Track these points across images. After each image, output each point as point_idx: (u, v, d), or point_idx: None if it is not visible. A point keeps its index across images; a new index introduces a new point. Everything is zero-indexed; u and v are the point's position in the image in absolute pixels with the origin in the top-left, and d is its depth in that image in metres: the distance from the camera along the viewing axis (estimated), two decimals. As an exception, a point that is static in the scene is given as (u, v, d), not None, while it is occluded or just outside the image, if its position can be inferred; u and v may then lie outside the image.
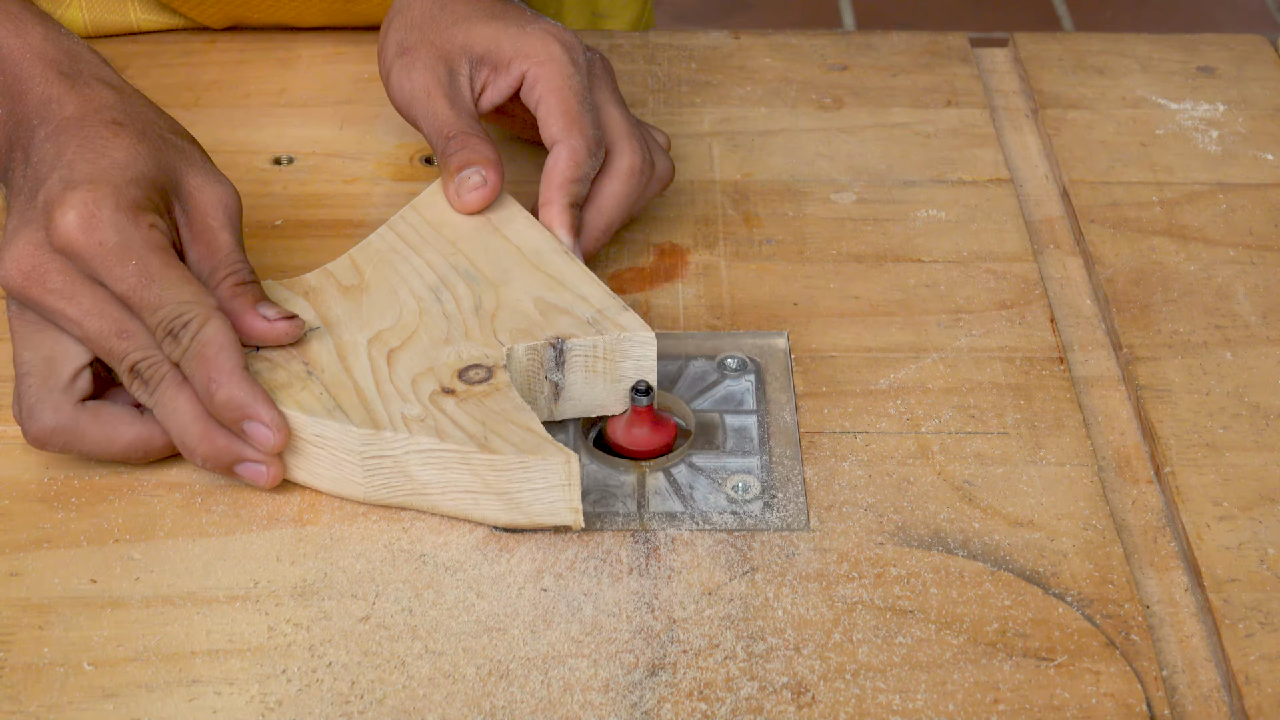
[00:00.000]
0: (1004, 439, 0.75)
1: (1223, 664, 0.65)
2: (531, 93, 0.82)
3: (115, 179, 0.71)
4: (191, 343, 0.69)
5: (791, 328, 0.81)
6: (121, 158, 0.72)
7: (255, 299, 0.73)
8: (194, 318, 0.69)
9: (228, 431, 0.70)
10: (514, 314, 0.74)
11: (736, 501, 0.72)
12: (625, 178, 0.82)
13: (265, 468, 0.70)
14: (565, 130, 0.80)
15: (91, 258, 0.70)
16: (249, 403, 0.69)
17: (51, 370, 0.71)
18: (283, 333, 0.72)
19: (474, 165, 0.79)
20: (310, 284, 0.77)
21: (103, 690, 0.64)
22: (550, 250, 0.78)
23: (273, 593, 0.68)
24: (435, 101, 0.82)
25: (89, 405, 0.71)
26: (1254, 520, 0.71)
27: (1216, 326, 0.81)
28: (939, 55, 1.03)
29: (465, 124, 0.81)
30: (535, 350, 0.73)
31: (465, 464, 0.69)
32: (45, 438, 0.71)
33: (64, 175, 0.71)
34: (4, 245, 0.71)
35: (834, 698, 0.63)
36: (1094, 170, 0.93)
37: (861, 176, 0.92)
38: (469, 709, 0.63)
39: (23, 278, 0.70)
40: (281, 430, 0.69)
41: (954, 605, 0.67)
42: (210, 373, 0.69)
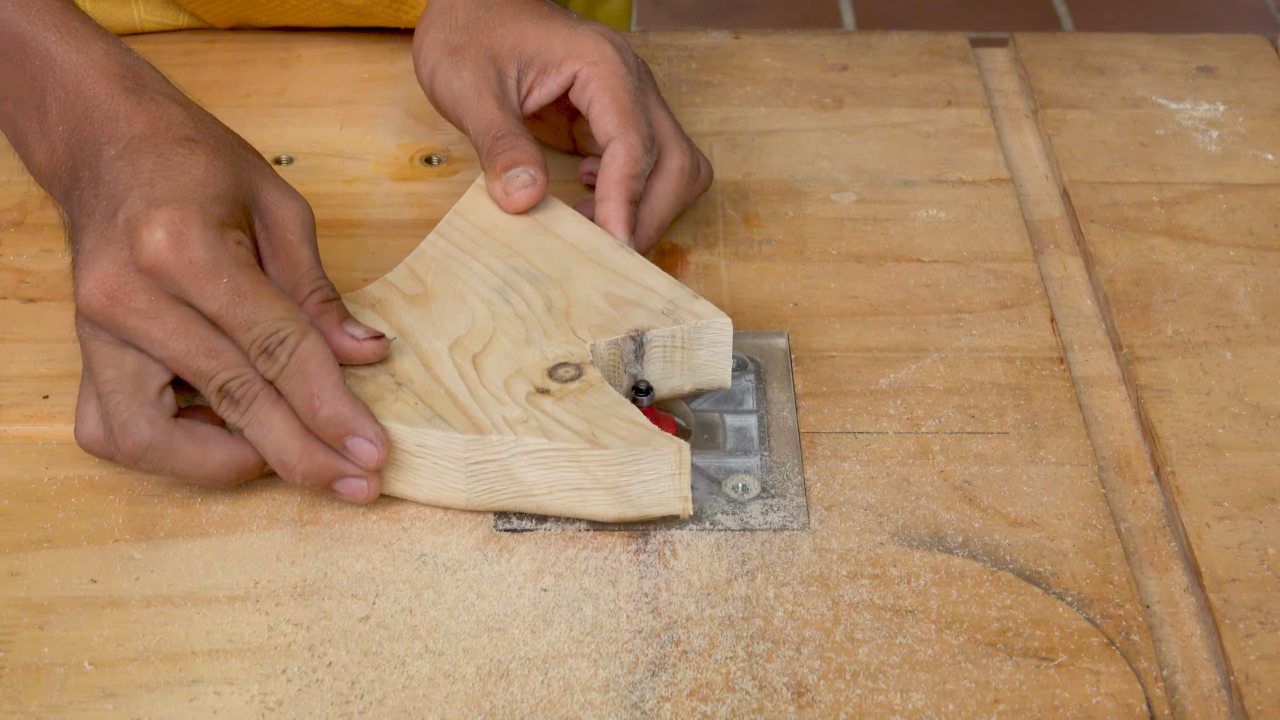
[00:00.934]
0: (1004, 439, 0.75)
1: (1223, 664, 0.65)
2: (584, 92, 0.82)
3: (198, 196, 0.70)
4: (290, 359, 0.68)
5: (791, 328, 0.81)
6: (201, 175, 0.71)
7: (341, 316, 0.72)
8: (290, 334, 0.68)
9: (327, 448, 0.69)
10: (587, 310, 0.75)
11: (736, 501, 0.72)
12: (676, 177, 0.83)
13: (365, 482, 0.69)
14: (621, 127, 0.80)
15: (181, 277, 0.68)
16: (353, 418, 0.68)
17: (139, 386, 0.69)
18: (371, 352, 0.72)
19: (521, 164, 0.79)
20: (374, 296, 0.76)
21: (103, 690, 0.64)
22: (605, 246, 0.78)
23: (273, 593, 0.68)
24: (484, 101, 0.81)
25: (182, 422, 0.70)
26: (1254, 520, 0.71)
27: (1216, 326, 0.81)
28: (939, 55, 1.03)
29: (512, 124, 0.81)
30: (616, 344, 0.74)
31: (574, 461, 0.69)
32: (140, 453, 0.69)
33: (145, 194, 0.70)
34: (84, 266, 0.70)
35: (834, 698, 0.63)
36: (1094, 170, 0.93)
37: (861, 176, 0.92)
38: (469, 709, 0.63)
39: (107, 298, 0.69)
40: (384, 445, 0.68)
41: (954, 605, 0.67)
42: (312, 389, 0.68)
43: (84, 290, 0.69)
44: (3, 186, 0.91)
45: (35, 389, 0.77)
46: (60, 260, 0.85)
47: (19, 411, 0.76)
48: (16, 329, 0.81)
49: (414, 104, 0.98)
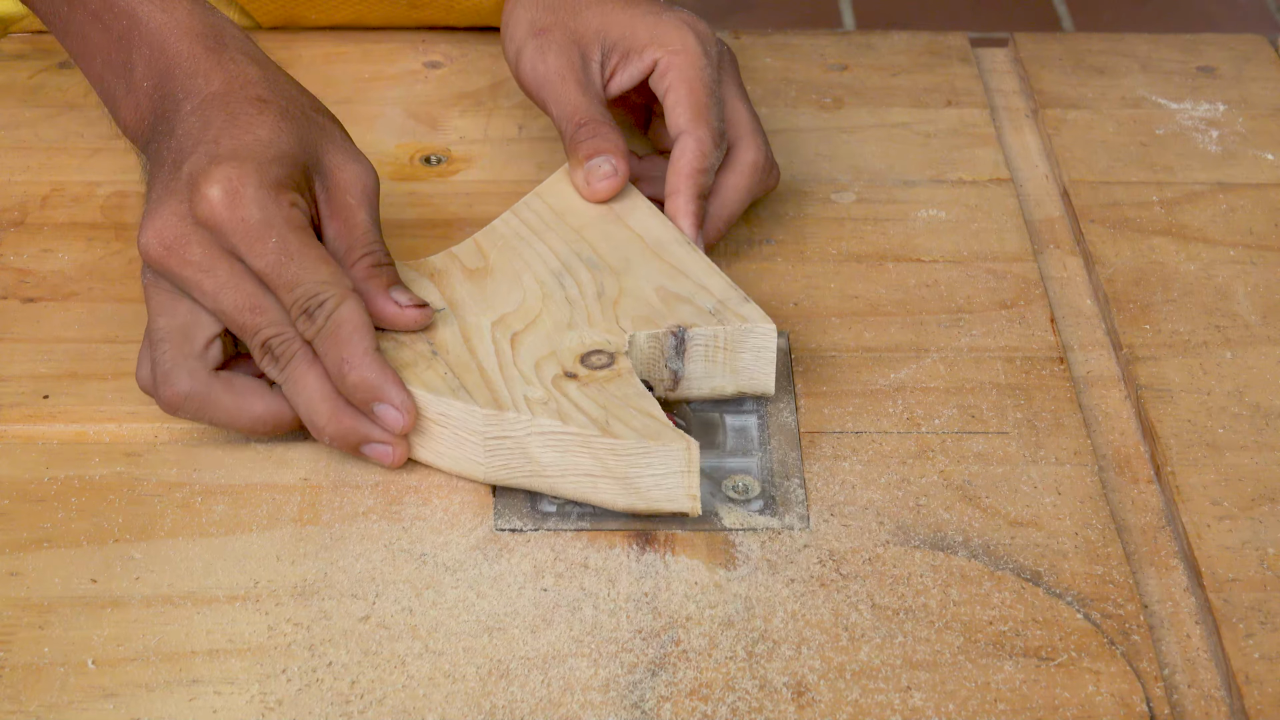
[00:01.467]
0: (1004, 439, 0.75)
1: (1223, 664, 0.65)
2: (662, 81, 0.83)
3: (259, 156, 0.72)
4: (326, 322, 0.70)
5: (791, 328, 0.81)
6: (265, 135, 0.73)
7: (389, 282, 0.73)
8: (330, 297, 0.70)
9: (356, 412, 0.71)
10: (636, 301, 0.76)
11: (736, 501, 0.72)
12: (749, 172, 0.84)
13: (391, 448, 0.71)
14: (692, 121, 0.81)
15: (233, 233, 0.70)
16: (380, 385, 0.70)
17: (186, 338, 0.72)
18: (412, 320, 0.73)
19: (604, 154, 0.80)
20: (436, 266, 0.78)
21: (103, 690, 0.64)
22: (672, 240, 0.79)
23: (273, 593, 0.68)
24: (568, 86, 0.82)
25: (222, 375, 0.72)
26: (1254, 520, 0.71)
27: (1216, 326, 0.81)
28: (939, 55, 1.03)
29: (596, 111, 0.82)
30: (657, 338, 0.74)
31: (586, 447, 0.69)
32: (179, 403, 0.71)
33: (209, 150, 0.72)
34: (146, 215, 0.72)
35: (834, 698, 0.63)
36: (1094, 170, 0.93)
37: (861, 176, 0.92)
38: (469, 709, 0.63)
39: (163, 248, 0.71)
40: (410, 413, 0.70)
41: (954, 605, 0.67)
42: (343, 353, 0.70)
43: (144, 239, 0.71)
44: (3, 186, 0.91)
45: (35, 389, 0.77)
46: (60, 260, 0.85)
47: (19, 411, 0.76)
48: (16, 329, 0.81)
49: (414, 104, 0.98)
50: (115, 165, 0.93)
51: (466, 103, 0.98)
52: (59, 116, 0.97)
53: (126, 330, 0.81)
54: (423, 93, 0.99)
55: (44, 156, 0.93)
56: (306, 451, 0.74)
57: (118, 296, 0.83)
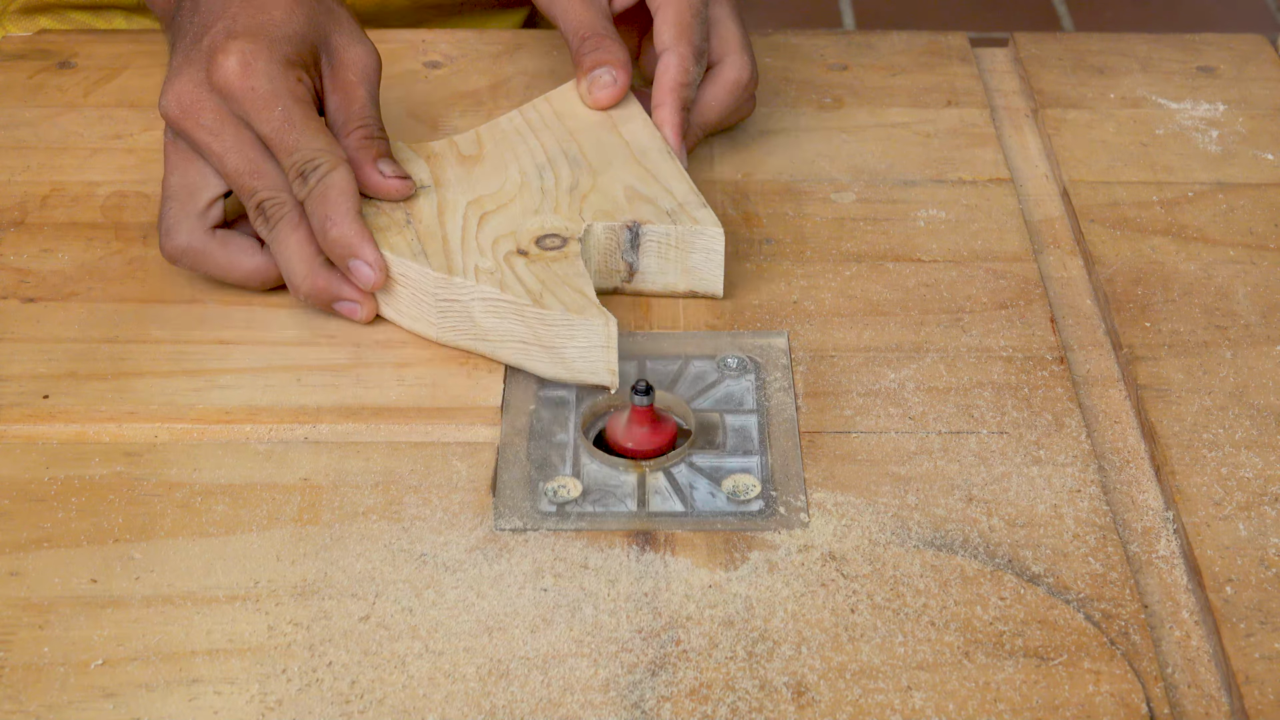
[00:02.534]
0: (1004, 439, 0.75)
1: (1223, 664, 0.65)
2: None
3: (272, 34, 0.79)
4: (317, 184, 0.77)
5: (791, 328, 0.81)
6: (279, 16, 0.80)
7: (378, 154, 0.80)
8: (323, 163, 0.77)
9: (331, 272, 0.78)
10: (604, 198, 0.83)
11: (736, 501, 0.72)
12: (730, 88, 0.90)
13: (360, 305, 0.79)
14: (675, 39, 0.87)
15: (243, 100, 0.78)
16: (357, 242, 0.77)
17: (191, 196, 0.79)
18: (394, 189, 0.80)
19: (606, 65, 0.87)
20: (433, 150, 0.86)
21: (103, 690, 0.64)
22: (655, 150, 0.86)
23: (273, 593, 0.68)
24: (575, 2, 0.89)
25: (219, 233, 0.80)
26: (1254, 520, 0.71)
27: (1216, 326, 0.81)
28: (939, 55, 1.03)
29: (600, 25, 0.89)
30: (614, 230, 0.81)
31: (519, 315, 0.76)
32: (177, 255, 0.80)
33: (227, 25, 0.79)
34: (168, 80, 0.79)
35: (834, 698, 0.63)
36: (1094, 170, 0.93)
37: (861, 176, 0.92)
38: (469, 709, 0.63)
39: (180, 110, 0.79)
40: (381, 270, 0.77)
41: (954, 605, 0.67)
42: (328, 211, 0.77)
43: (164, 101, 0.79)
44: (3, 186, 0.91)
45: (35, 389, 0.77)
46: (60, 260, 0.85)
47: (19, 411, 0.76)
48: (16, 329, 0.81)
49: (414, 104, 0.98)
50: (115, 165, 0.93)
51: (466, 103, 0.98)
52: (59, 116, 0.97)
53: (126, 330, 0.81)
54: (423, 93, 0.99)
55: (44, 156, 0.93)
56: (306, 451, 0.74)
57: (118, 296, 0.83)
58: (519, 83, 1.00)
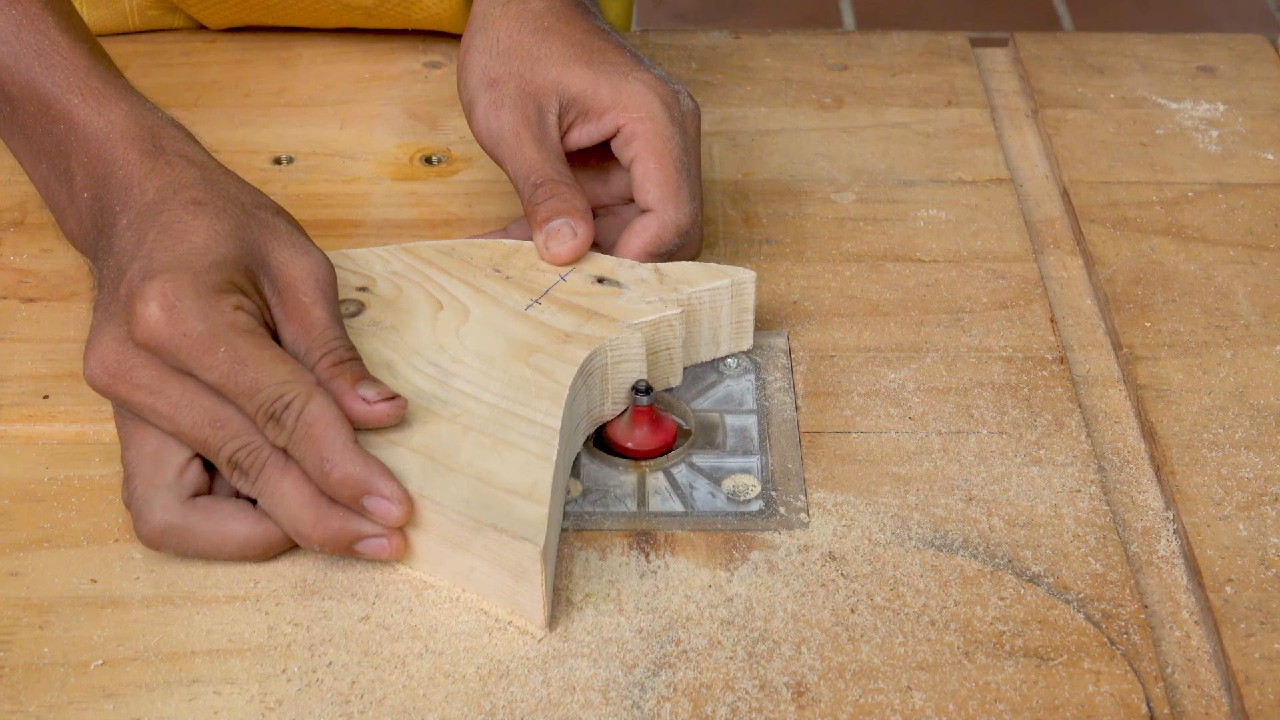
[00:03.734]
0: (1004, 439, 0.75)
1: (1223, 664, 0.65)
2: (627, 149, 0.79)
3: (194, 264, 0.68)
4: (296, 423, 0.66)
5: (791, 328, 0.81)
6: (200, 241, 0.69)
7: (354, 378, 0.69)
8: (295, 397, 0.66)
9: (342, 510, 0.67)
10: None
11: (736, 501, 0.72)
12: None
13: (386, 541, 0.67)
14: (662, 201, 0.78)
15: (178, 349, 0.67)
16: (366, 477, 0.65)
17: (157, 468, 0.68)
18: (382, 414, 0.68)
19: (564, 215, 0.77)
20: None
21: (103, 690, 0.64)
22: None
23: (273, 593, 0.68)
24: (524, 144, 0.79)
25: (200, 502, 0.68)
26: (1254, 520, 0.71)
27: (1216, 326, 0.81)
28: (939, 55, 1.03)
29: (554, 170, 0.78)
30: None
31: None
32: (157, 538, 0.68)
33: (143, 265, 0.69)
34: (89, 343, 0.69)
35: (834, 698, 0.63)
36: (1094, 170, 0.93)
37: (861, 176, 0.92)
38: (469, 709, 0.63)
39: (109, 376, 0.68)
40: (403, 501, 0.66)
41: (954, 605, 0.67)
42: (321, 452, 0.66)
43: (88, 369, 0.68)
44: (3, 186, 0.91)
45: (35, 389, 0.77)
46: (60, 260, 0.85)
47: (19, 411, 0.76)
48: (16, 329, 0.81)
49: (414, 104, 0.98)
50: (115, 165, 0.93)
51: (466, 103, 0.98)
52: (59, 116, 0.97)
53: (126, 330, 0.81)
54: (423, 93, 0.99)
55: (44, 156, 0.93)
56: (306, 451, 0.74)
57: (118, 296, 0.83)
58: (519, 83, 1.00)
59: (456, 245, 0.79)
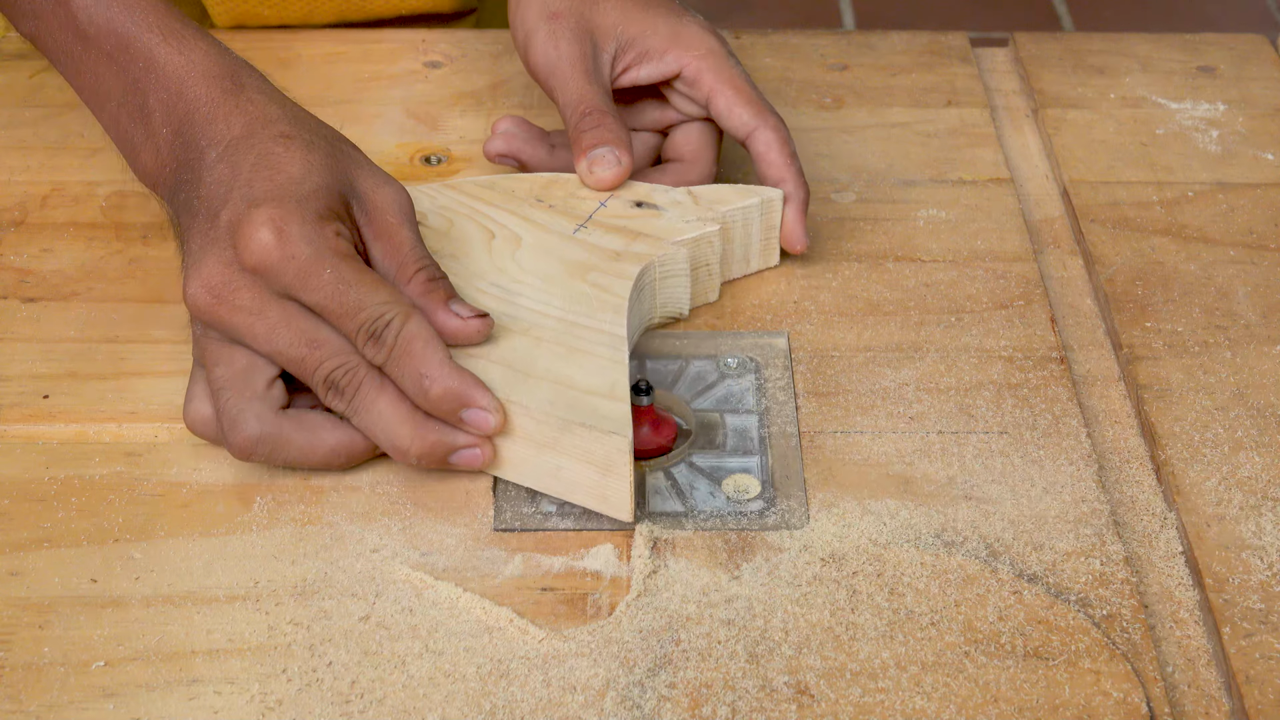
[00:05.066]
0: (1004, 439, 0.75)
1: (1223, 664, 0.65)
2: (697, 86, 0.85)
3: (295, 193, 0.71)
4: (396, 341, 0.70)
5: (791, 328, 0.81)
6: (296, 172, 0.72)
7: (447, 294, 0.73)
8: (395, 316, 0.70)
9: (438, 424, 0.70)
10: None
11: (736, 501, 0.72)
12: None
13: (480, 450, 0.71)
14: (758, 116, 0.84)
15: (286, 272, 0.70)
16: (465, 390, 0.70)
17: (247, 381, 0.71)
18: (474, 330, 0.73)
19: (607, 144, 0.82)
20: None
21: (103, 690, 0.64)
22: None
23: (273, 593, 0.68)
24: (576, 75, 0.84)
25: (290, 412, 0.72)
26: (1254, 520, 0.71)
27: (1217, 326, 0.81)
28: (939, 55, 1.03)
29: (601, 101, 0.84)
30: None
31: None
32: (250, 447, 0.71)
33: (244, 194, 0.71)
34: (190, 268, 0.71)
35: (834, 698, 0.63)
36: (1094, 170, 0.93)
37: (861, 176, 0.92)
38: (469, 709, 0.63)
39: (212, 298, 0.70)
40: (499, 411, 0.70)
41: (954, 605, 0.67)
42: (420, 368, 0.70)
43: (190, 290, 0.71)
44: (3, 186, 0.91)
45: (35, 389, 0.77)
46: (60, 260, 0.85)
47: (19, 411, 0.76)
48: (16, 329, 0.81)
49: (414, 104, 0.98)
50: (115, 165, 0.93)
51: (466, 103, 0.98)
52: (59, 116, 0.97)
53: (126, 330, 0.81)
54: (423, 93, 0.99)
55: (44, 156, 0.93)
56: (306, 451, 0.74)
57: (118, 296, 0.83)
58: (519, 83, 1.00)
59: (495, 180, 0.84)
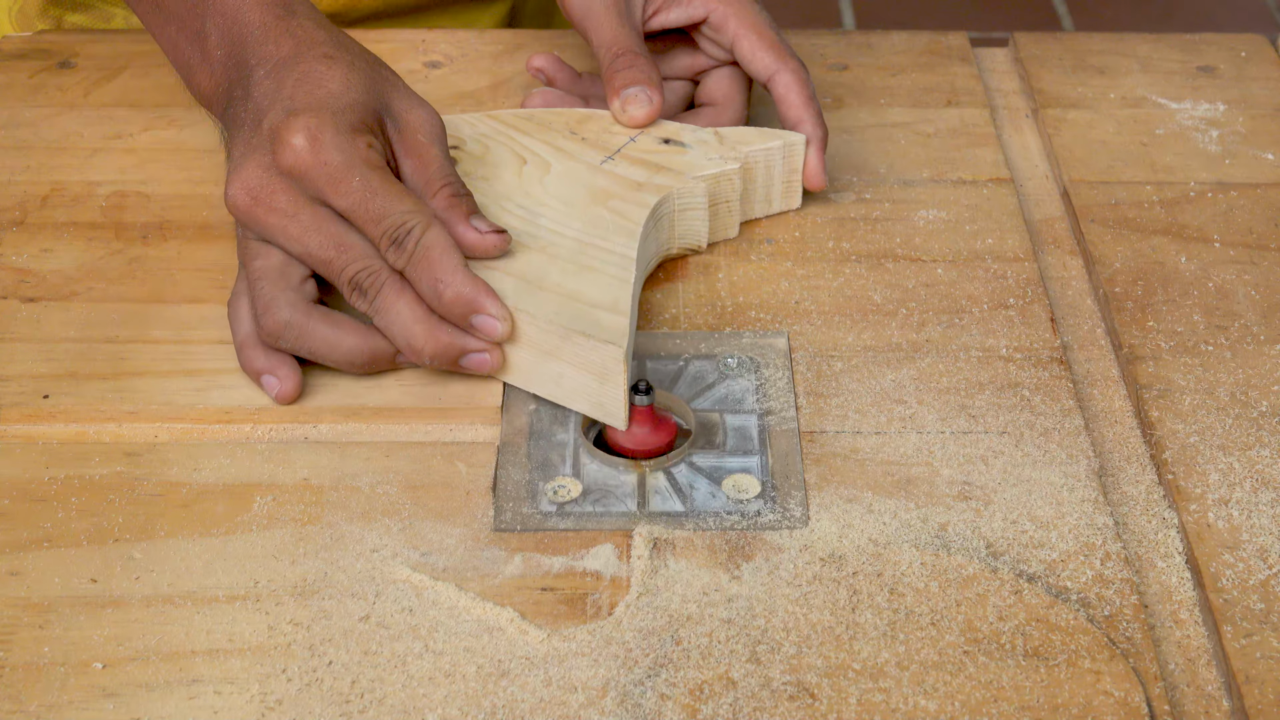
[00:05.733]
0: (1004, 439, 0.75)
1: (1223, 664, 0.65)
2: (723, 30, 0.89)
3: (333, 105, 0.76)
4: (416, 247, 0.74)
5: (791, 328, 0.81)
6: (336, 87, 0.77)
7: (469, 210, 0.77)
8: (416, 224, 0.74)
9: (451, 327, 0.75)
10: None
11: (736, 501, 0.72)
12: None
13: (489, 355, 0.75)
14: (779, 60, 0.88)
15: (318, 176, 0.75)
16: (475, 297, 0.73)
17: (283, 274, 0.76)
18: (491, 244, 0.77)
19: (639, 84, 0.86)
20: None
21: (103, 690, 0.64)
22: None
23: (273, 592, 0.68)
24: (611, 17, 0.88)
25: (320, 307, 0.76)
26: (1254, 521, 0.71)
27: (1217, 326, 0.81)
28: (939, 55, 1.03)
29: (634, 43, 0.88)
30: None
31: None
32: (279, 330, 0.75)
33: (286, 105, 0.76)
34: (232, 171, 0.76)
35: (834, 697, 0.63)
36: (1094, 170, 0.93)
37: (861, 176, 0.92)
38: (469, 708, 0.63)
39: (250, 198, 0.75)
40: (507, 319, 0.74)
41: (954, 605, 0.67)
42: (436, 273, 0.74)
43: (231, 191, 0.76)
44: (3, 186, 0.91)
45: (35, 389, 0.77)
46: (60, 260, 0.85)
47: (19, 411, 0.76)
48: (16, 329, 0.81)
49: (414, 104, 0.97)
50: (115, 165, 0.93)
51: (466, 103, 0.98)
52: (59, 116, 0.97)
53: (126, 330, 0.81)
54: (423, 93, 0.99)
55: (44, 156, 0.93)
56: (306, 451, 0.74)
57: (118, 296, 0.83)
58: (519, 82, 1.00)
59: (534, 112, 0.89)
